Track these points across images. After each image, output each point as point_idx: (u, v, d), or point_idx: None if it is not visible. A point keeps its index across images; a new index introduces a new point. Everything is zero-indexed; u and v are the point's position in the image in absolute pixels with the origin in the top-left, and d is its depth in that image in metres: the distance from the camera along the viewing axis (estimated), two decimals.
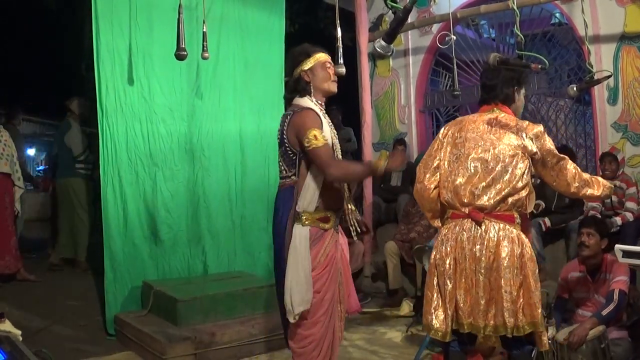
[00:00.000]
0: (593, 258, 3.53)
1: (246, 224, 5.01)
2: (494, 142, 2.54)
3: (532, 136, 2.55)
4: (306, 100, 2.59)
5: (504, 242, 2.43)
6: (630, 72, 5.03)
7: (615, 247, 2.51)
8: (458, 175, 2.54)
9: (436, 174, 2.65)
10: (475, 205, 2.47)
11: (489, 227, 2.46)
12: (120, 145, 4.39)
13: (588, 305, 3.55)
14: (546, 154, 2.59)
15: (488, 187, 2.48)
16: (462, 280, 2.48)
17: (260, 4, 5.16)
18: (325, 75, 2.59)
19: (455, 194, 2.54)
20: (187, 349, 3.62)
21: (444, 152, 2.64)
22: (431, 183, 2.65)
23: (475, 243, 2.45)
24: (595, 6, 5.09)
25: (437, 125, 6.86)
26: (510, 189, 2.46)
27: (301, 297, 2.46)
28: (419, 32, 6.59)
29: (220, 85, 4.89)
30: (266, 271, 4.88)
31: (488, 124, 2.60)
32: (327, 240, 2.57)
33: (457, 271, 2.49)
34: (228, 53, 4.93)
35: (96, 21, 4.26)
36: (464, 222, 2.51)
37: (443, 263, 2.53)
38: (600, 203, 4.78)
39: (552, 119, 6.23)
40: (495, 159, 2.50)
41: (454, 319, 2.50)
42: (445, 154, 2.64)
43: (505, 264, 2.41)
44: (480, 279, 2.44)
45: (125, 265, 4.40)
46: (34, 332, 3.97)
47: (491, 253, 2.43)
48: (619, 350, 3.30)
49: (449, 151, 2.63)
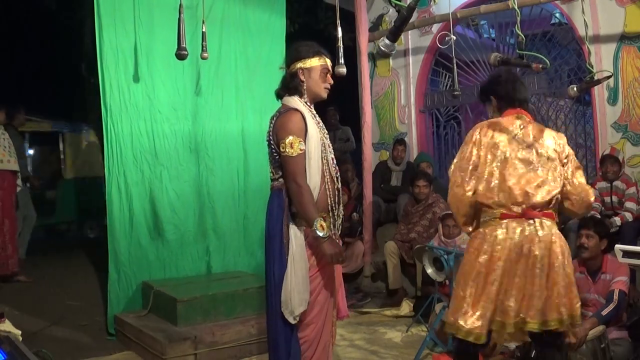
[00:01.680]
0: (593, 259, 3.53)
1: (249, 223, 5.02)
2: (536, 144, 2.62)
3: (562, 142, 2.69)
4: (295, 100, 2.56)
5: (556, 239, 2.53)
6: (630, 72, 5.03)
7: (615, 247, 2.51)
8: (510, 175, 2.56)
9: (473, 178, 2.64)
10: (530, 204, 2.53)
11: (543, 225, 2.53)
12: (125, 144, 4.40)
13: (588, 305, 3.55)
14: (571, 157, 2.69)
15: (539, 187, 2.56)
16: (514, 279, 2.49)
17: (261, 4, 5.17)
18: (320, 81, 2.58)
19: (509, 195, 2.55)
20: (187, 349, 3.62)
21: (483, 155, 2.62)
22: (470, 187, 2.63)
23: (532, 241, 2.50)
24: (595, 6, 5.09)
25: (437, 125, 6.86)
26: (557, 189, 2.57)
27: (300, 297, 2.46)
28: (419, 32, 6.59)
29: (222, 84, 4.91)
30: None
31: (524, 127, 2.66)
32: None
33: (509, 271, 2.49)
34: (230, 52, 4.94)
35: (99, 20, 4.26)
36: (515, 222, 2.53)
37: (491, 264, 2.51)
38: (599, 203, 4.79)
39: (552, 119, 6.23)
40: (541, 160, 2.60)
41: (492, 320, 2.51)
42: (484, 157, 2.62)
43: (560, 260, 2.50)
44: (538, 275, 2.48)
45: (130, 265, 4.41)
46: (34, 332, 3.97)
47: (547, 250, 2.50)
48: (619, 350, 3.30)
49: (489, 154, 2.62)
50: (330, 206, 2.58)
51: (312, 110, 2.59)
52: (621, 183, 4.67)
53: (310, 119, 2.52)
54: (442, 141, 6.86)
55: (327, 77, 2.60)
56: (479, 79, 6.38)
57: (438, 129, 6.85)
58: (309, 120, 2.51)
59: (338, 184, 2.62)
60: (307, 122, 2.49)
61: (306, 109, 2.54)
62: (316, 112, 2.64)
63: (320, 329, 2.59)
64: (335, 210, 2.59)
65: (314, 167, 2.49)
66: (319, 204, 2.51)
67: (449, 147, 6.82)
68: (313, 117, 2.56)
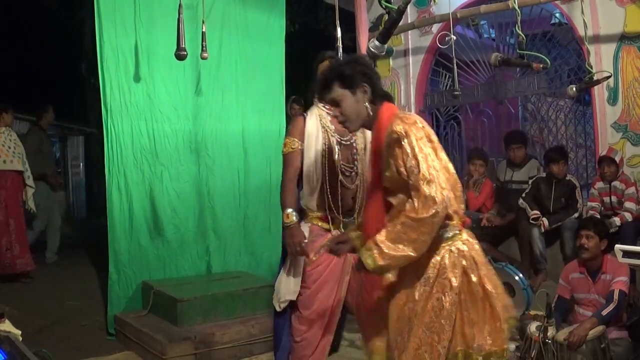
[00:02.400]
0: (593, 259, 3.54)
1: (249, 223, 5.03)
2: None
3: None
4: (315, 107, 2.74)
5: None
6: (630, 72, 5.02)
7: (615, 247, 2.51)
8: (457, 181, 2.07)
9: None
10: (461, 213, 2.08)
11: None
12: (125, 144, 4.40)
13: (588, 305, 3.56)
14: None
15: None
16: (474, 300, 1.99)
17: (261, 4, 5.17)
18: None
19: (462, 202, 2.09)
20: (187, 349, 3.62)
21: (441, 156, 2.01)
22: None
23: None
24: (595, 6, 5.08)
25: (437, 126, 6.85)
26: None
27: (287, 287, 2.63)
28: (419, 32, 6.58)
29: (222, 84, 4.91)
30: (269, 271, 4.88)
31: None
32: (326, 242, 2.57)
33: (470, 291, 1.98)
34: (230, 52, 4.94)
35: (99, 20, 4.26)
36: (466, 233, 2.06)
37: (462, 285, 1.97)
38: (599, 203, 4.79)
39: (552, 119, 6.23)
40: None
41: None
42: (443, 157, 2.01)
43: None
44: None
45: (131, 265, 4.41)
46: (34, 332, 3.97)
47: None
48: (619, 350, 3.30)
49: (442, 154, 2.03)
50: (330, 205, 2.63)
51: (331, 114, 2.57)
52: (620, 183, 4.67)
53: (313, 123, 2.68)
54: (442, 141, 6.79)
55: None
56: (479, 79, 6.39)
57: (438, 129, 6.84)
58: (311, 123, 2.68)
59: (351, 184, 2.67)
60: (304, 126, 2.69)
61: (324, 113, 2.70)
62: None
63: (319, 330, 2.63)
64: (338, 209, 2.63)
65: (307, 165, 2.65)
66: (317, 202, 2.64)
67: (449, 147, 6.81)
68: (322, 120, 2.68)
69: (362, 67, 2.16)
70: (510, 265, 3.87)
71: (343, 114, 2.13)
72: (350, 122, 2.14)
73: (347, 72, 2.12)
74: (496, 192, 5.52)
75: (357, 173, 2.66)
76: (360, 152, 2.68)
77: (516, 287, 3.71)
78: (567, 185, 4.94)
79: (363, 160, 2.66)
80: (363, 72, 2.14)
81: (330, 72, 2.18)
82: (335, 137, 2.67)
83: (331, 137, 2.67)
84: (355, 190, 2.66)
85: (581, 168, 5.89)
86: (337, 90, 2.11)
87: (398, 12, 3.08)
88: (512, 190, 5.35)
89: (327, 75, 2.17)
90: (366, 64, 2.24)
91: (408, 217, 1.88)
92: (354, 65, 2.16)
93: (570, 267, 3.74)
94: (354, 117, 2.12)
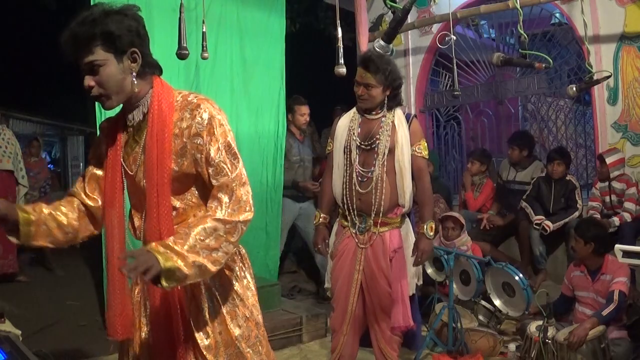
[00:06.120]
0: (587, 260, 3.58)
1: None
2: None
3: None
4: (354, 109, 2.94)
5: None
6: (630, 72, 5.03)
7: (615, 247, 2.51)
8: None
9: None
10: None
11: None
12: None
13: (587, 303, 3.56)
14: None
15: None
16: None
17: (260, 4, 5.15)
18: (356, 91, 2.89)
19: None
20: None
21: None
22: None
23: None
24: (595, 6, 5.08)
25: (437, 125, 6.86)
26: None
27: (327, 275, 2.96)
28: (419, 32, 6.59)
29: (217, 85, 4.87)
30: (264, 271, 4.87)
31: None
32: (345, 238, 2.81)
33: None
34: (226, 53, 4.91)
35: None
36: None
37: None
38: (600, 203, 4.79)
39: (552, 119, 6.24)
40: None
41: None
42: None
43: None
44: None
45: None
46: (34, 332, 3.97)
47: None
48: (619, 350, 3.30)
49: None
50: (346, 203, 2.80)
51: (364, 117, 2.85)
52: (620, 183, 4.67)
53: (343, 124, 2.88)
54: (442, 141, 6.85)
55: (356, 87, 2.83)
56: (479, 79, 6.39)
57: (438, 129, 6.85)
58: (341, 125, 2.90)
59: (364, 189, 2.77)
60: (335, 128, 2.93)
61: (356, 116, 2.88)
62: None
63: (343, 321, 2.81)
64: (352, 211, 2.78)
65: (334, 165, 2.89)
66: (341, 201, 2.85)
67: (449, 147, 6.82)
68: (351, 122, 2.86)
69: (135, 24, 1.61)
70: (510, 265, 3.86)
71: (100, 84, 1.59)
72: (108, 97, 1.61)
73: (115, 30, 1.56)
74: (497, 190, 5.51)
75: (372, 178, 2.73)
76: (381, 156, 2.74)
77: (516, 287, 3.71)
78: (567, 185, 4.93)
79: (384, 165, 2.75)
80: (137, 33, 1.62)
81: (91, 27, 1.55)
82: (355, 141, 2.77)
83: (352, 140, 2.78)
84: (370, 195, 2.74)
85: (581, 168, 5.89)
86: (99, 53, 1.56)
87: (403, 11, 3.08)
88: (513, 191, 5.33)
89: (87, 30, 1.54)
90: (139, 19, 1.66)
91: (217, 221, 1.58)
92: (125, 21, 1.58)
93: (572, 266, 3.79)
94: (114, 90, 1.61)
